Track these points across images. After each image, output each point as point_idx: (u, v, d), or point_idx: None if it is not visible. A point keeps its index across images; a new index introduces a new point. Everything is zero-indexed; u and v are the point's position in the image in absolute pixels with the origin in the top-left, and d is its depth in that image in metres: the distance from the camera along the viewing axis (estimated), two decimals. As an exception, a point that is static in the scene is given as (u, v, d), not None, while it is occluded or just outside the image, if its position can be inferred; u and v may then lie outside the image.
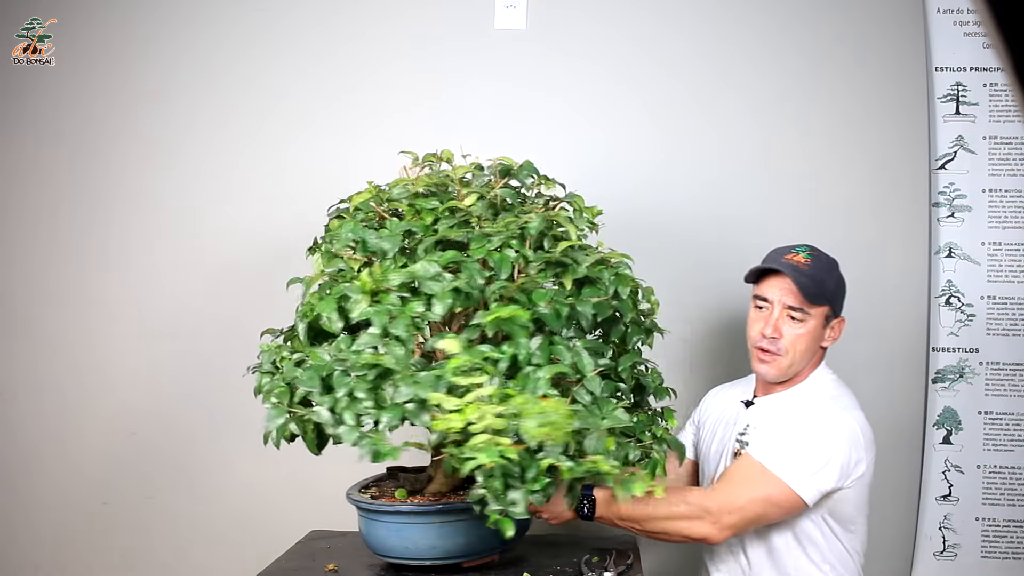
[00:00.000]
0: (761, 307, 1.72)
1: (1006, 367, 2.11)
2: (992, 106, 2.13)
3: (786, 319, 1.68)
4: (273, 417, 1.44)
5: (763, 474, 1.59)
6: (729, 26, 2.18)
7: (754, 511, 1.58)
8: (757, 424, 1.72)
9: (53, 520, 2.20)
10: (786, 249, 1.74)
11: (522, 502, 1.29)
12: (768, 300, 1.70)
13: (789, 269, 1.67)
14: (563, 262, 1.51)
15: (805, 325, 1.68)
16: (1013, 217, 2.12)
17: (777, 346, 1.69)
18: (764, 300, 1.71)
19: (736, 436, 1.75)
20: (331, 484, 1.86)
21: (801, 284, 1.66)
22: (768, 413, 1.73)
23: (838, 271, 1.74)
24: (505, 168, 1.62)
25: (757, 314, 1.73)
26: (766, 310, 1.71)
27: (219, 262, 2.21)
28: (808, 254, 1.71)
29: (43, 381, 2.22)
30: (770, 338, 1.69)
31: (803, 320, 1.68)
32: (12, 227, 2.24)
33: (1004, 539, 2.09)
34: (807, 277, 1.66)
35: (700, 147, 2.17)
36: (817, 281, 1.67)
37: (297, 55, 2.23)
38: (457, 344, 1.36)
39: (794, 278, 1.66)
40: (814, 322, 1.69)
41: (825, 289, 1.68)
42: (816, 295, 1.67)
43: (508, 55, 2.20)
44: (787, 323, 1.68)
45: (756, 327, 1.72)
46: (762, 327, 1.70)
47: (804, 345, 1.69)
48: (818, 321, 1.69)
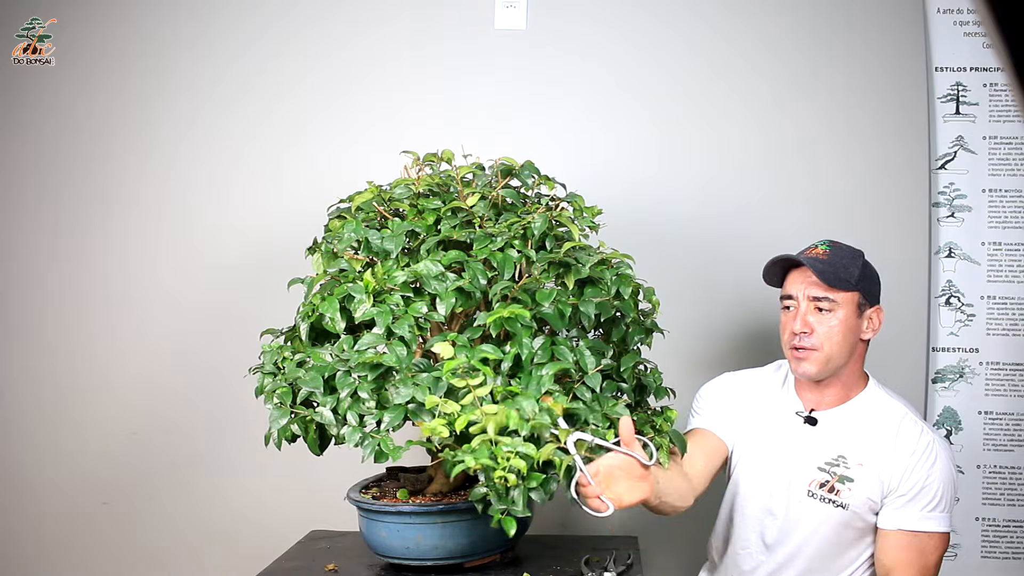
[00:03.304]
0: (788, 306, 1.68)
1: (1006, 367, 2.11)
2: (992, 106, 2.13)
3: (814, 312, 1.63)
4: (276, 418, 1.44)
5: (931, 542, 1.61)
6: (729, 26, 2.18)
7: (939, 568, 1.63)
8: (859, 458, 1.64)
9: (53, 520, 2.19)
10: (806, 248, 1.71)
11: (521, 500, 1.30)
12: (793, 297, 1.66)
13: (808, 260, 1.64)
14: (566, 262, 1.52)
15: (835, 315, 1.62)
16: (1013, 217, 2.12)
17: (810, 341, 1.63)
18: (789, 298, 1.67)
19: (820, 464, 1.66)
20: (331, 484, 1.87)
21: (820, 271, 1.61)
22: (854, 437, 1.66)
23: (863, 259, 1.69)
24: (507, 168, 1.62)
25: (786, 315, 1.68)
26: (793, 308, 1.66)
27: (219, 262, 2.21)
28: (828, 246, 1.68)
29: (43, 381, 2.21)
30: (800, 334, 1.63)
31: (832, 309, 1.62)
32: (12, 227, 2.24)
33: (1004, 539, 2.10)
34: (826, 264, 1.62)
35: (700, 147, 2.17)
36: (836, 268, 1.62)
37: (297, 55, 2.23)
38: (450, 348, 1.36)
39: (812, 266, 1.62)
40: (844, 311, 1.63)
41: (848, 274, 1.63)
42: (838, 279, 1.61)
43: (508, 55, 2.20)
44: (816, 316, 1.63)
45: (787, 328, 1.67)
46: (792, 325, 1.65)
47: (840, 336, 1.63)
48: (849, 309, 1.63)
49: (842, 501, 1.63)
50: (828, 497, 1.64)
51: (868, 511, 1.63)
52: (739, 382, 1.82)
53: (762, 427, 1.74)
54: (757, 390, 1.79)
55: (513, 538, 1.54)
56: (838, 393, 1.69)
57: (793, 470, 1.68)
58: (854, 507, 1.63)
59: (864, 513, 1.63)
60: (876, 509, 1.63)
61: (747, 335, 2.14)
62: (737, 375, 1.84)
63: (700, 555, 1.91)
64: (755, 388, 1.79)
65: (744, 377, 1.83)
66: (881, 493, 1.62)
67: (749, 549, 1.73)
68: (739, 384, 1.81)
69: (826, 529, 1.65)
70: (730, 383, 1.82)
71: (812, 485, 1.65)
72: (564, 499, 1.40)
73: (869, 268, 1.69)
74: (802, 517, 1.66)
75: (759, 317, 2.12)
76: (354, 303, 1.43)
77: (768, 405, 1.76)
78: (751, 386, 1.80)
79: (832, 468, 1.65)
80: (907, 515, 1.61)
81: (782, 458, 1.70)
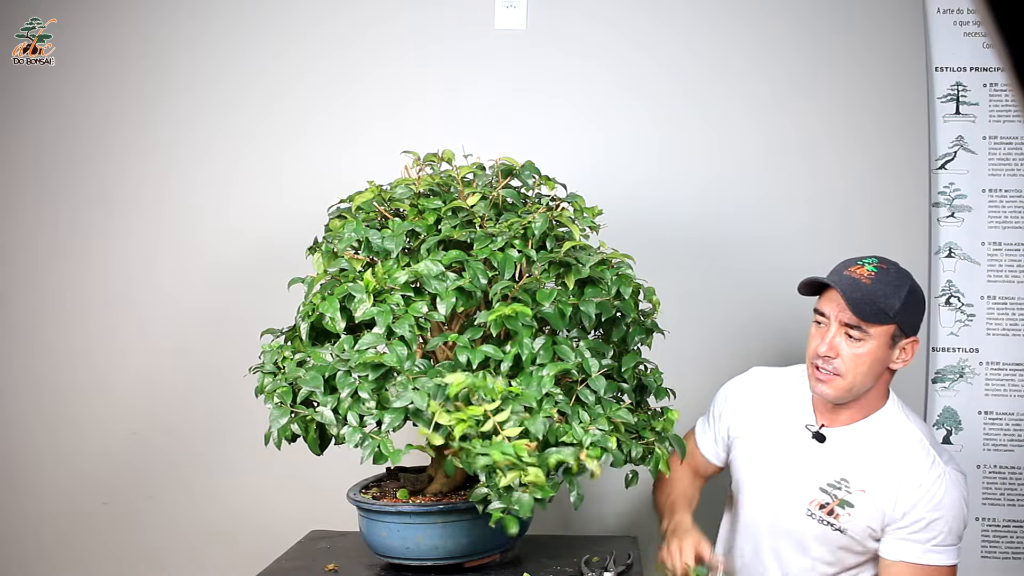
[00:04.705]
0: (820, 322, 1.60)
1: (1006, 367, 2.11)
2: (992, 106, 2.13)
3: (843, 337, 1.55)
4: (276, 417, 1.44)
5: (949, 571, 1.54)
6: (729, 26, 2.18)
7: None
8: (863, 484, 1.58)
9: (53, 520, 2.19)
10: (853, 260, 1.60)
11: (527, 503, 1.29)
12: (826, 316, 1.57)
13: (845, 283, 1.54)
14: (566, 262, 1.52)
15: (865, 345, 1.53)
16: (1013, 217, 2.12)
17: (833, 365, 1.56)
18: (822, 315, 1.59)
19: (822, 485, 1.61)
20: (331, 484, 1.86)
21: (853, 301, 1.51)
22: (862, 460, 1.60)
23: (910, 287, 1.56)
24: (507, 168, 1.62)
25: (816, 329, 1.60)
26: (824, 326, 1.58)
27: (219, 262, 2.21)
28: (874, 266, 1.56)
29: (43, 381, 2.21)
30: (824, 356, 1.56)
31: (862, 340, 1.53)
32: (12, 227, 2.24)
33: (1004, 539, 2.10)
34: (864, 292, 1.52)
35: (700, 147, 2.17)
36: (876, 298, 1.52)
37: (297, 55, 2.23)
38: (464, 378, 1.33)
39: (846, 294, 1.52)
40: (875, 343, 1.54)
41: (887, 306, 1.52)
42: (873, 313, 1.52)
43: (508, 55, 2.20)
44: (845, 341, 1.55)
45: (813, 343, 1.59)
46: (818, 344, 1.57)
47: (866, 367, 1.55)
48: (881, 341, 1.54)
49: (840, 526, 1.59)
50: (827, 520, 1.60)
51: (868, 538, 1.59)
52: (763, 383, 1.77)
53: (772, 435, 1.70)
54: (778, 394, 1.74)
55: (513, 538, 1.54)
56: (853, 414, 1.63)
57: (795, 486, 1.64)
58: (852, 532, 1.58)
59: (863, 539, 1.59)
60: (877, 536, 1.58)
61: (747, 335, 2.13)
62: (764, 374, 1.79)
63: (700, 555, 1.91)
64: (777, 391, 1.75)
65: (770, 378, 1.78)
66: (882, 522, 1.57)
67: (744, 559, 1.72)
68: (763, 385, 1.77)
69: (823, 551, 1.62)
70: (753, 385, 1.78)
71: (812, 505, 1.62)
72: (563, 499, 1.40)
73: (913, 297, 1.57)
74: (801, 536, 1.63)
75: (759, 317, 2.12)
76: (354, 303, 1.43)
77: (783, 412, 1.71)
78: (774, 388, 1.75)
79: (834, 491, 1.60)
80: (911, 548, 1.54)
81: (786, 472, 1.66)
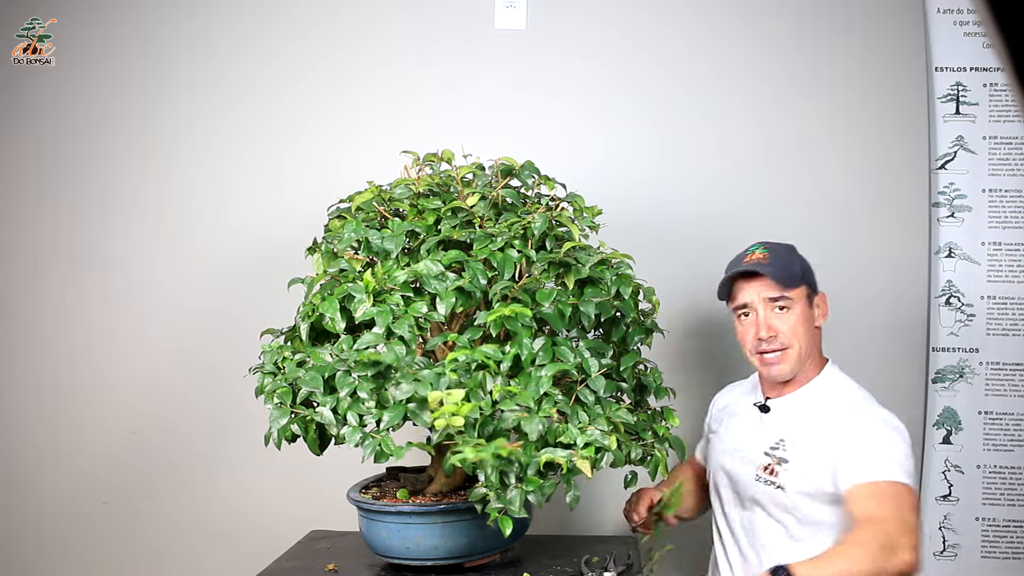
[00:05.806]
0: (745, 314, 1.69)
1: (1006, 367, 2.11)
2: (992, 106, 2.13)
3: (773, 313, 1.66)
4: (276, 417, 1.44)
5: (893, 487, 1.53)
6: (729, 26, 2.18)
7: (914, 520, 1.54)
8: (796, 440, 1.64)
9: (53, 520, 2.19)
10: (741, 255, 1.72)
11: (518, 501, 1.30)
12: (748, 305, 1.68)
13: (755, 266, 1.66)
14: (566, 262, 1.52)
15: (794, 311, 1.66)
16: (1013, 217, 2.12)
17: (779, 342, 1.65)
18: (744, 307, 1.69)
19: (766, 449, 1.67)
20: (331, 484, 1.86)
21: (772, 274, 1.64)
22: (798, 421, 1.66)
23: (797, 252, 1.73)
24: (507, 168, 1.62)
25: (744, 323, 1.70)
26: (751, 315, 1.68)
27: (219, 262, 2.21)
28: (763, 249, 1.69)
29: (43, 381, 2.21)
30: (768, 339, 1.66)
31: (788, 307, 1.66)
32: (12, 227, 2.24)
33: (1004, 539, 2.10)
34: (774, 267, 1.65)
35: (700, 147, 2.17)
36: (784, 265, 1.66)
37: (297, 55, 2.23)
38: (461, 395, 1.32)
39: (763, 271, 1.65)
40: (800, 305, 1.67)
41: (795, 270, 1.67)
42: (789, 278, 1.66)
43: (508, 55, 2.20)
44: (775, 317, 1.66)
45: (748, 335, 1.68)
46: (755, 332, 1.67)
47: (803, 329, 1.66)
48: (803, 303, 1.67)
49: (779, 483, 1.62)
50: (769, 479, 1.64)
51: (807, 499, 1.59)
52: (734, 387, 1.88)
53: (731, 421, 1.79)
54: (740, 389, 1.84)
55: (513, 538, 1.54)
56: (795, 383, 1.71)
57: (747, 457, 1.70)
58: (791, 489, 1.60)
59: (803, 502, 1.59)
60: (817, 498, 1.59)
61: (747, 335, 2.14)
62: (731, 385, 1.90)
63: (700, 555, 1.91)
64: (739, 388, 1.85)
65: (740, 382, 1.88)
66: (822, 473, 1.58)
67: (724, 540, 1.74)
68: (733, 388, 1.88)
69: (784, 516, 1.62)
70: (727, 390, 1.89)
71: (759, 470, 1.66)
72: (563, 499, 1.40)
73: (803, 259, 1.72)
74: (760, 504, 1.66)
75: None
76: (354, 303, 1.43)
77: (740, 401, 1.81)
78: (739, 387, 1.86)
79: (774, 451, 1.66)
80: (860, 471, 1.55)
81: (739, 447, 1.72)
